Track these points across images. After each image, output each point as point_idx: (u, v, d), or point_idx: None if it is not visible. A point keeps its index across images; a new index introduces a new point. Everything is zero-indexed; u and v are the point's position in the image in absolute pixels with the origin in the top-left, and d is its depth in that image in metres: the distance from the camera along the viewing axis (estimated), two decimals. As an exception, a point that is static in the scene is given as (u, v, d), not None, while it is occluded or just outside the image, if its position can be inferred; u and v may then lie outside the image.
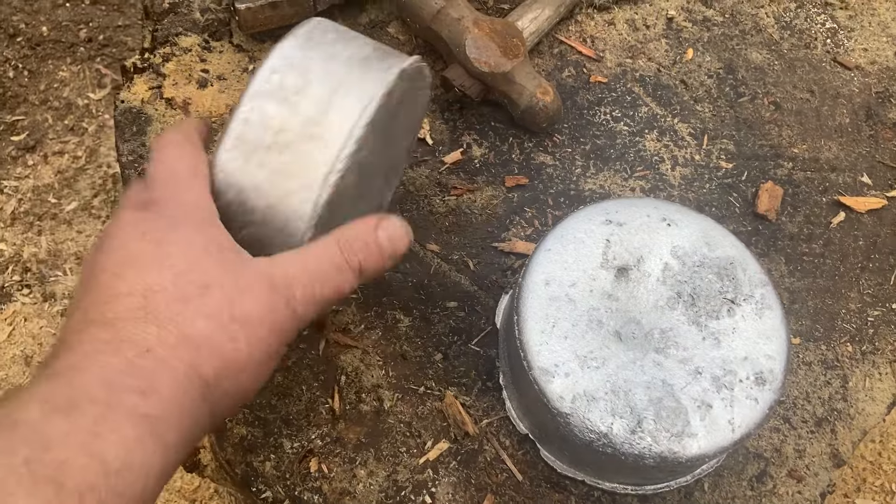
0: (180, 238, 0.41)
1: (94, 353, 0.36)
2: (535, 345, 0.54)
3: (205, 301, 0.39)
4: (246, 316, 0.40)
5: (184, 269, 0.39)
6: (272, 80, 0.47)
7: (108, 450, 0.32)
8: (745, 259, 0.59)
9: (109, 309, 0.38)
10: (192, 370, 0.37)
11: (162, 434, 0.35)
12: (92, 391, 0.34)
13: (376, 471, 0.58)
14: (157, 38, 0.72)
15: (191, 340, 0.38)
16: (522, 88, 0.69)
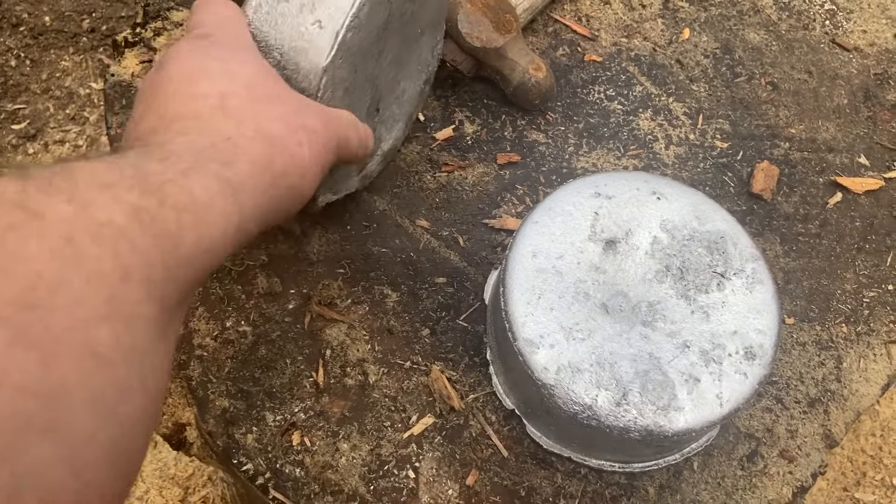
0: (244, 60, 0.45)
1: (181, 133, 0.39)
2: (521, 316, 0.53)
3: (276, 107, 0.43)
4: (310, 126, 0.44)
5: (253, 82, 0.44)
6: None
7: (195, 189, 0.35)
8: (736, 233, 0.58)
9: (188, 107, 0.41)
10: (265, 159, 0.41)
11: (239, 197, 0.38)
12: (180, 152, 0.37)
13: (360, 445, 0.57)
14: (149, 12, 0.72)
15: (266, 135, 0.41)
16: (515, 64, 0.68)
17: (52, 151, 1.49)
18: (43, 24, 1.62)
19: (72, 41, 1.63)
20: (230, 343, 0.60)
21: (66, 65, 1.60)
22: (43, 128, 1.52)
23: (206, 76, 0.43)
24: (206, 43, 0.45)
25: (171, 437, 0.69)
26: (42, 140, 1.51)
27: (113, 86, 0.68)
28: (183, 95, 0.41)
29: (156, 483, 1.13)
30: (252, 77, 0.44)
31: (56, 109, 1.54)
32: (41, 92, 1.56)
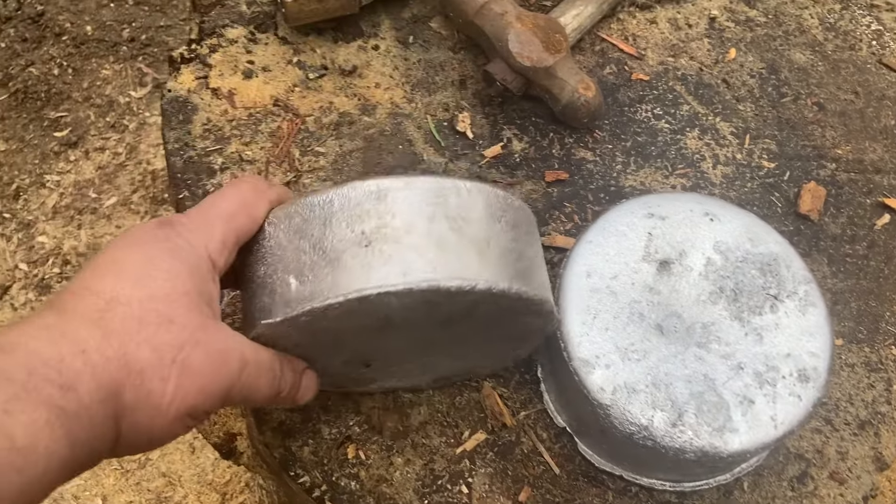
0: (172, 269, 0.41)
1: (29, 338, 0.36)
2: (576, 336, 0.54)
3: (159, 333, 0.39)
4: (191, 365, 0.40)
5: (157, 296, 0.40)
6: (368, 203, 0.44)
7: (15, 427, 0.32)
8: (788, 255, 0.58)
9: (72, 300, 0.39)
10: (115, 387, 0.37)
11: (72, 428, 0.35)
12: (11, 372, 0.34)
13: (413, 459, 0.58)
14: (204, 29, 0.73)
15: (126, 361, 0.38)
16: (564, 83, 0.69)
17: (93, 159, 1.52)
18: (84, 33, 1.65)
19: (112, 50, 1.66)
20: (286, 357, 0.61)
21: (107, 73, 1.63)
22: (84, 135, 1.54)
23: (117, 272, 0.40)
24: (161, 231, 0.43)
25: (222, 445, 0.70)
26: (83, 147, 1.53)
27: (169, 101, 0.70)
28: (81, 284, 0.39)
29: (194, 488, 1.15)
30: (164, 292, 0.40)
31: (97, 117, 1.57)
32: (82, 100, 1.59)
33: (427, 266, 0.43)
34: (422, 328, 0.48)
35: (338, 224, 0.44)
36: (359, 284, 0.42)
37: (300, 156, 0.68)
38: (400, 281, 0.42)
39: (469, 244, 0.45)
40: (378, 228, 0.44)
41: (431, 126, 0.71)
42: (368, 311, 0.44)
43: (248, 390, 0.43)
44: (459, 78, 0.75)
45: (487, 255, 0.45)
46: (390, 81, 0.73)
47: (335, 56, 0.74)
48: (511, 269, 0.46)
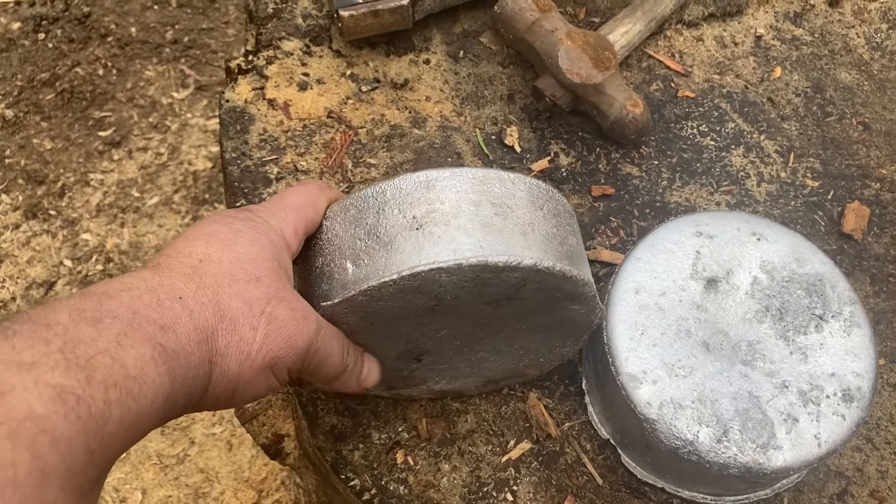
0: (255, 239, 0.44)
1: (130, 287, 0.38)
2: (624, 351, 0.55)
3: (248, 287, 0.42)
4: (275, 318, 0.42)
5: (244, 258, 0.43)
6: (417, 191, 0.47)
7: (128, 359, 0.35)
8: (834, 276, 0.59)
9: (166, 259, 0.42)
10: (209, 330, 0.40)
11: (172, 366, 0.37)
12: (118, 312, 0.36)
13: (460, 466, 0.60)
14: (261, 41, 0.76)
15: (220, 308, 0.40)
16: (612, 100, 0.70)
17: (136, 158, 1.55)
18: (129, 35, 1.69)
19: (155, 52, 1.69)
20: (338, 363, 0.63)
21: (150, 74, 1.66)
22: (127, 135, 1.58)
23: (207, 238, 0.43)
24: (238, 214, 0.46)
25: (270, 446, 0.73)
26: (126, 147, 1.57)
27: (227, 111, 0.72)
28: (173, 249, 0.42)
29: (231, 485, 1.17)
30: (246, 254, 0.43)
31: (140, 118, 1.60)
32: (126, 101, 1.62)
33: (475, 245, 0.46)
34: (471, 310, 0.50)
35: (390, 211, 0.47)
36: (411, 262, 0.45)
37: (352, 167, 0.70)
38: (450, 258, 0.45)
39: (514, 227, 0.47)
40: (428, 213, 0.47)
41: (479, 139, 0.73)
42: (420, 289, 0.46)
43: (323, 353, 0.46)
44: (508, 92, 0.76)
45: (531, 237, 0.48)
46: (440, 95, 0.75)
47: (387, 69, 0.76)
48: (555, 251, 0.49)
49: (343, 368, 0.49)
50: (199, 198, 1.48)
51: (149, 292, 0.38)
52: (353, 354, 0.50)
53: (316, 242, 0.50)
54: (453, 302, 0.48)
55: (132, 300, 0.37)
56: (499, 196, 0.48)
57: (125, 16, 1.71)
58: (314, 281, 0.50)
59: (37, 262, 1.40)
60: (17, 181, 1.48)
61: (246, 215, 0.46)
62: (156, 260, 0.42)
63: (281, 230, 0.47)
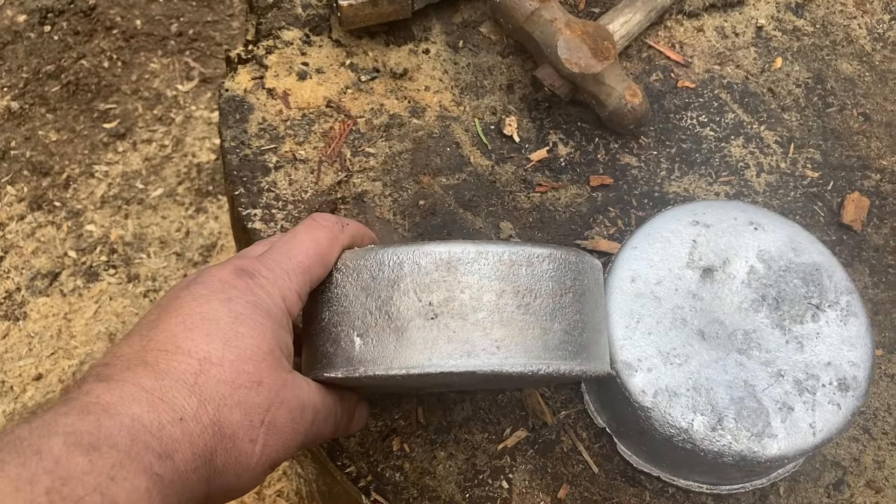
0: (257, 325, 0.42)
1: (131, 401, 0.37)
2: (619, 339, 0.56)
3: (249, 396, 0.41)
4: (274, 425, 0.42)
5: (245, 356, 0.41)
6: (437, 272, 0.45)
7: (119, 494, 0.33)
8: (831, 266, 0.59)
9: (165, 360, 0.40)
10: (208, 453, 0.39)
11: (167, 494, 0.36)
12: (116, 438, 0.35)
13: (455, 454, 0.60)
14: (261, 30, 0.76)
15: (219, 426, 0.39)
16: (611, 90, 0.70)
17: (140, 150, 1.56)
18: (134, 27, 1.69)
19: (160, 44, 1.69)
20: (335, 350, 0.63)
21: (155, 67, 1.67)
22: (132, 127, 1.58)
23: (206, 329, 0.41)
24: (240, 284, 0.43)
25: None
26: (131, 139, 1.57)
27: (227, 101, 0.72)
28: (171, 341, 0.40)
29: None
30: (249, 350, 0.42)
31: (144, 110, 1.61)
32: (131, 93, 1.63)
33: (491, 346, 0.44)
34: (482, 384, 0.51)
35: (405, 290, 0.45)
36: (422, 360, 0.44)
37: (351, 156, 0.70)
38: (462, 363, 0.44)
39: (535, 322, 0.46)
40: (446, 301, 0.45)
41: (478, 129, 0.73)
42: (429, 380, 0.46)
43: (316, 435, 0.46)
44: (507, 82, 0.76)
45: (551, 335, 0.46)
46: (440, 85, 0.75)
47: (387, 59, 0.76)
48: (573, 346, 0.48)
49: (333, 434, 0.50)
50: (203, 189, 1.49)
51: (150, 410, 0.37)
52: (346, 418, 0.50)
53: (325, 292, 0.48)
54: (463, 384, 0.49)
55: (133, 423, 0.36)
56: (524, 283, 0.46)
57: (130, 8, 1.71)
58: (319, 333, 0.48)
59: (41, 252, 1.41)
60: (21, 172, 1.49)
61: (247, 285, 0.44)
62: (151, 355, 0.40)
63: (283, 299, 0.45)
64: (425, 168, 0.71)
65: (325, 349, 0.47)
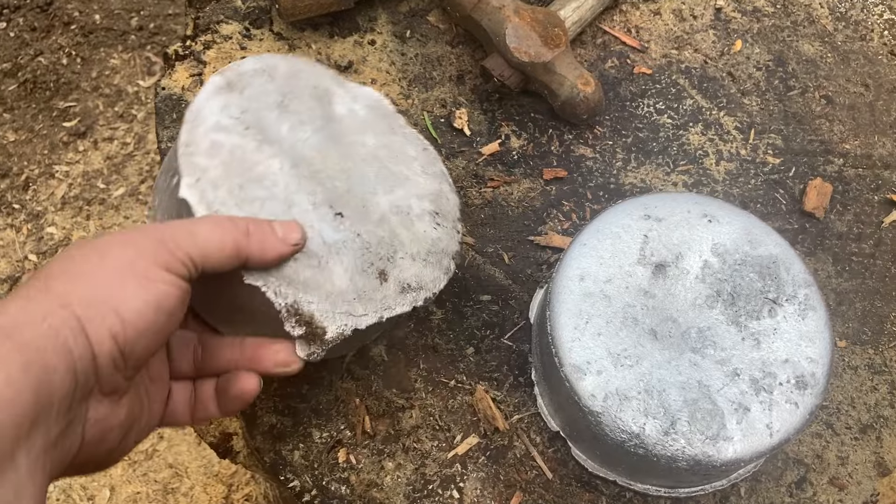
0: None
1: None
2: (568, 341, 0.53)
3: (73, 248, 0.41)
4: (101, 242, 0.40)
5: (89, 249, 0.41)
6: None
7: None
8: (788, 258, 0.57)
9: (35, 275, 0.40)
10: (46, 288, 0.38)
11: (17, 336, 0.35)
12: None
13: (404, 464, 0.58)
14: (199, 25, 0.73)
15: (46, 274, 0.39)
16: (563, 79, 0.67)
17: (102, 149, 1.52)
18: (93, 22, 1.65)
19: (120, 39, 1.65)
20: (277, 359, 0.61)
21: (115, 63, 1.63)
22: (93, 125, 1.55)
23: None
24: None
25: (218, 445, 0.70)
26: (92, 137, 1.53)
27: (163, 99, 0.69)
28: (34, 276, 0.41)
29: (200, 480, 1.15)
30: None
31: (105, 107, 1.57)
32: (91, 90, 1.59)
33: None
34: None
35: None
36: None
37: (294, 154, 0.68)
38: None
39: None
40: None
41: (428, 123, 0.70)
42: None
43: (199, 238, 0.43)
44: (457, 73, 0.73)
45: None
46: (387, 77, 0.72)
47: (331, 52, 0.73)
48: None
49: (241, 239, 0.45)
50: (166, 188, 1.45)
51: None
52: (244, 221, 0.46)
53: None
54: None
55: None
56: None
57: (89, 2, 1.67)
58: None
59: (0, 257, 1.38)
60: (-21, 175, 1.45)
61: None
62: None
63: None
64: (372, 165, 0.68)
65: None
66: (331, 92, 0.57)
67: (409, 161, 0.57)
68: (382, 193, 0.54)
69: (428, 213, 0.55)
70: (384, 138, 0.57)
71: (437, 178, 0.58)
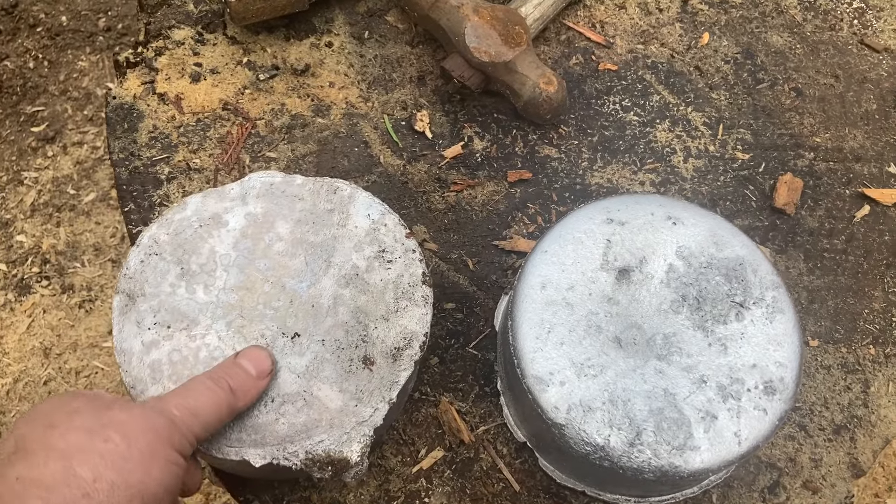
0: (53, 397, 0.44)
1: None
2: (530, 352, 0.52)
3: (73, 420, 0.41)
4: (117, 420, 0.41)
5: (52, 410, 0.42)
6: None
7: None
8: (755, 259, 0.55)
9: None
10: (65, 476, 0.38)
11: None
12: None
13: (367, 480, 0.56)
14: (150, 31, 0.70)
15: (62, 452, 0.39)
16: (525, 79, 0.66)
17: (71, 153, 1.49)
18: (60, 24, 1.62)
19: (88, 41, 1.62)
20: (235, 375, 0.59)
21: (83, 65, 1.60)
22: (62, 129, 1.52)
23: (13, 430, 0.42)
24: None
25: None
26: (61, 142, 1.51)
27: (114, 109, 0.67)
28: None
29: (177, 489, 1.14)
30: (53, 406, 0.42)
31: (74, 111, 1.54)
32: (59, 93, 1.56)
33: None
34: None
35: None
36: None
37: (250, 162, 0.66)
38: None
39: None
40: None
41: (388, 126, 0.69)
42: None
43: (191, 406, 0.44)
44: (418, 74, 0.71)
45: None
46: (345, 80, 0.70)
47: (287, 55, 0.71)
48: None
49: (228, 394, 0.46)
50: (138, 192, 1.43)
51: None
52: (225, 367, 0.48)
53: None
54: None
55: None
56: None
57: (55, 4, 1.63)
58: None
59: (-31, 267, 1.35)
60: (-54, 183, 1.42)
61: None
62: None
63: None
64: (332, 171, 0.66)
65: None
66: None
67: (330, 226, 0.55)
68: (321, 274, 0.52)
69: (374, 257, 0.53)
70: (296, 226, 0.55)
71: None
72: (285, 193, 0.55)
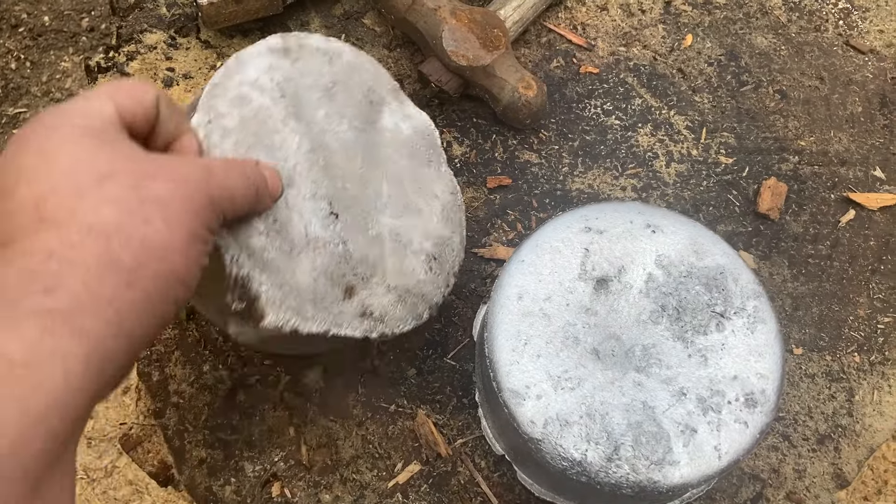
0: (65, 136, 0.37)
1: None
2: (506, 364, 0.51)
3: (106, 189, 0.36)
4: (158, 197, 0.36)
5: (74, 165, 0.36)
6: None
7: (8, 345, 0.30)
8: (736, 268, 0.54)
9: (6, 227, 0.35)
10: (106, 259, 0.34)
11: (77, 323, 0.32)
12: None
13: (342, 496, 0.55)
14: (122, 35, 0.69)
15: (98, 231, 0.34)
16: (504, 83, 0.64)
17: (54, 156, 1.48)
18: (42, 24, 1.60)
19: (71, 41, 1.60)
20: (207, 389, 0.58)
21: (67, 66, 1.58)
22: (44, 132, 1.50)
23: (23, 174, 0.36)
24: (37, 130, 0.38)
25: (158, 474, 0.67)
26: (43, 144, 1.49)
27: (86, 114, 0.66)
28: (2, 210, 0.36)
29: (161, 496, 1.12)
30: (72, 158, 0.36)
31: (57, 112, 1.52)
32: (42, 94, 1.54)
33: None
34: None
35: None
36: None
37: (224, 169, 0.64)
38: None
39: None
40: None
41: (365, 131, 0.67)
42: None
43: (226, 192, 0.40)
44: (396, 78, 0.70)
45: None
46: (321, 84, 0.69)
47: (262, 59, 0.69)
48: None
49: (252, 191, 0.43)
50: (121, 194, 1.41)
51: (11, 266, 0.33)
52: (252, 170, 0.44)
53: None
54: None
55: (3, 277, 0.32)
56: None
57: (37, 4, 1.61)
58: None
59: (-50, 271, 1.33)
60: (-74, 187, 1.40)
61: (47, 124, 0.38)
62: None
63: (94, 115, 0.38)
64: (307, 178, 0.65)
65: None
66: (384, 101, 0.54)
67: (430, 198, 0.54)
68: (389, 216, 0.52)
69: (425, 254, 0.53)
70: (417, 166, 0.54)
71: (452, 225, 0.55)
72: (431, 147, 0.56)
